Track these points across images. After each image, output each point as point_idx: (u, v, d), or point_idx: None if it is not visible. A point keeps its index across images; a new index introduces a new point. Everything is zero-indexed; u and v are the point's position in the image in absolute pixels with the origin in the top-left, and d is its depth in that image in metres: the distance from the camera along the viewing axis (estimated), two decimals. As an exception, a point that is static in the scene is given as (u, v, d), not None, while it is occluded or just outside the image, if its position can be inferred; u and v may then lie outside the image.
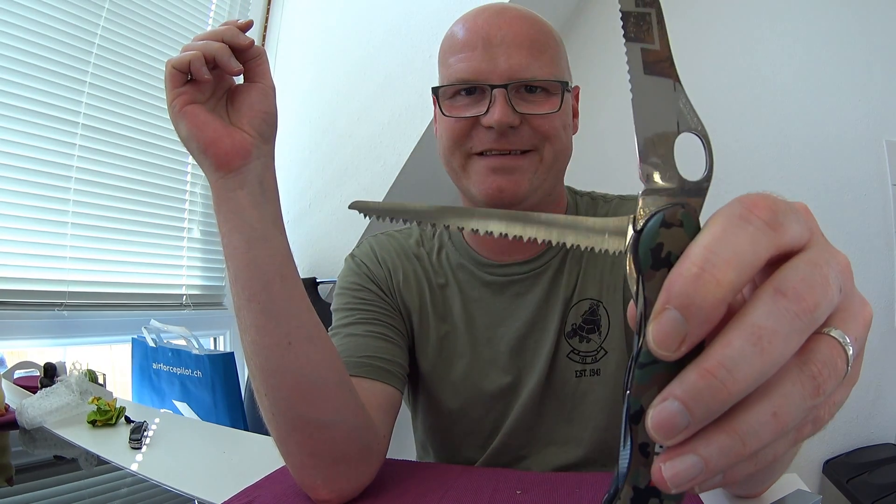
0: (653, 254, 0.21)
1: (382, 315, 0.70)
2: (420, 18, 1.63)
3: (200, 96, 0.49)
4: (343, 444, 0.53)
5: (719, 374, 0.18)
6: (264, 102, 0.51)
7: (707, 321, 0.19)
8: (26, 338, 1.32)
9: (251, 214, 0.49)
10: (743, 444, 0.19)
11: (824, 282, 0.20)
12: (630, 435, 0.22)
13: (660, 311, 0.19)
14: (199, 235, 1.78)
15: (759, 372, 0.19)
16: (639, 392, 0.21)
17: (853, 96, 1.66)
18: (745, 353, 0.18)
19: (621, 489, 0.23)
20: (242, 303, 0.50)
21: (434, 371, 0.73)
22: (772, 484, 0.54)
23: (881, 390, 1.65)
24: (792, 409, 0.20)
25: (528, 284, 0.71)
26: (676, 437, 0.19)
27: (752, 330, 0.19)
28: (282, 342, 0.50)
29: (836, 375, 0.21)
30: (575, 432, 0.71)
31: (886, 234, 1.63)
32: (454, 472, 0.62)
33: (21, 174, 1.31)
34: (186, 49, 0.47)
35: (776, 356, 0.19)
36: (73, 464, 0.74)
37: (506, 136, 0.62)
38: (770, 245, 0.20)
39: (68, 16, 1.39)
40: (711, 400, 0.19)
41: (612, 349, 0.69)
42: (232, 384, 1.26)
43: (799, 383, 0.20)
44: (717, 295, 0.19)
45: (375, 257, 0.75)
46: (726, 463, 0.19)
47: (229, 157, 0.48)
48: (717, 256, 0.19)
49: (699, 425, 0.19)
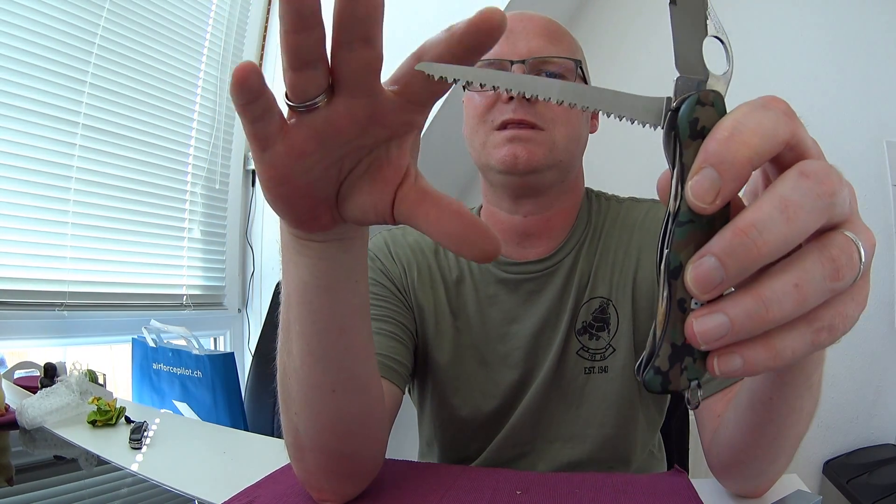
0: (690, 126, 0.24)
1: (393, 312, 0.70)
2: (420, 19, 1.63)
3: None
4: (361, 466, 0.53)
5: (751, 233, 0.21)
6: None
7: (737, 178, 0.21)
8: (26, 338, 1.32)
9: (317, 265, 0.40)
10: (766, 309, 0.21)
11: (839, 179, 0.23)
12: (669, 290, 0.24)
13: (697, 169, 0.22)
14: (200, 235, 1.78)
15: (786, 237, 0.21)
16: (678, 248, 0.23)
17: (853, 96, 1.66)
18: (773, 217, 0.21)
19: (659, 347, 0.24)
20: (292, 332, 0.44)
21: (449, 367, 0.73)
22: (772, 484, 0.54)
23: (881, 390, 1.65)
24: (812, 284, 0.22)
25: (541, 282, 0.72)
26: (712, 291, 0.22)
27: (780, 200, 0.21)
28: (325, 386, 0.45)
29: (852, 267, 0.23)
30: (580, 429, 0.71)
31: (886, 234, 1.63)
32: (454, 472, 0.62)
33: (21, 174, 1.31)
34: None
35: (800, 225, 0.21)
36: (73, 464, 0.74)
37: (522, 106, 0.65)
38: (787, 129, 0.23)
39: (68, 16, 1.39)
40: (744, 256, 0.21)
41: (619, 347, 0.70)
42: (232, 384, 1.25)
43: (819, 262, 0.22)
44: (745, 154, 0.21)
45: (390, 253, 0.76)
46: (750, 326, 0.22)
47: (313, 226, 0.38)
48: (744, 126, 0.22)
49: (732, 281, 0.21)
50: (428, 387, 0.77)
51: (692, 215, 0.23)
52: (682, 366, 0.24)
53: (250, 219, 1.97)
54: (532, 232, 0.72)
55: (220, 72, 1.85)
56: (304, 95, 0.29)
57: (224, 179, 1.87)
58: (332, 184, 0.34)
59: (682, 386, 0.25)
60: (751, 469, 0.50)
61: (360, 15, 0.26)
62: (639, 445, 0.73)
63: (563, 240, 0.72)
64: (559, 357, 0.70)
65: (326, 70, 0.29)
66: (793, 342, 0.23)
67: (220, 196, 1.86)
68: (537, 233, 0.72)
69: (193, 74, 1.77)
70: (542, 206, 0.71)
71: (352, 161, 0.33)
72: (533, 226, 0.72)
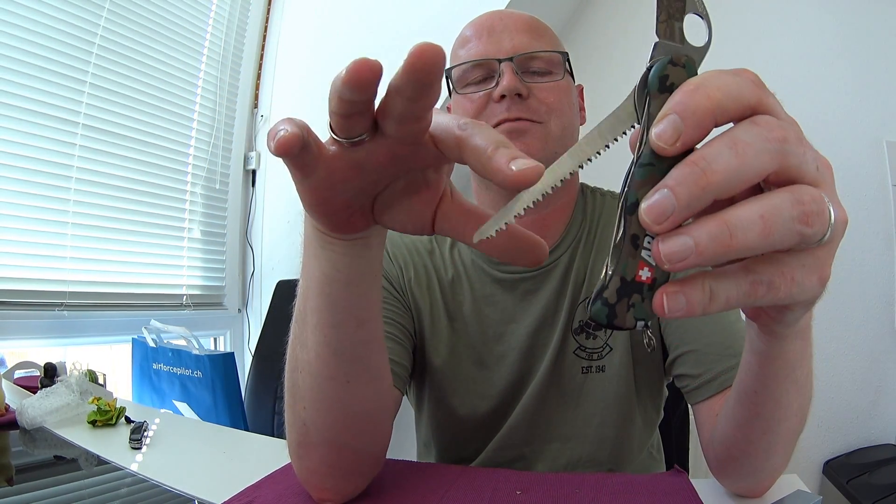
0: (660, 81, 0.25)
1: (392, 313, 0.70)
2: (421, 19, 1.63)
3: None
4: (363, 461, 0.53)
5: (700, 163, 0.22)
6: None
7: (698, 126, 0.23)
8: (26, 338, 1.33)
9: (340, 260, 0.40)
10: (730, 234, 0.22)
11: (797, 137, 0.24)
12: (624, 225, 0.25)
13: (662, 116, 0.23)
14: (200, 235, 1.78)
15: (735, 169, 0.22)
16: (636, 187, 0.24)
17: (853, 96, 1.66)
18: (722, 152, 0.22)
19: (609, 279, 0.25)
20: (308, 324, 0.44)
21: (446, 368, 0.73)
22: (772, 483, 0.54)
23: (881, 390, 1.65)
24: (779, 219, 0.23)
25: (538, 281, 0.72)
26: (664, 222, 0.22)
27: (730, 138, 0.23)
28: (340, 378, 0.45)
29: (821, 221, 0.24)
30: (578, 429, 0.71)
31: (886, 234, 1.63)
32: (454, 472, 0.62)
33: (21, 174, 1.31)
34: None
35: (749, 161, 0.22)
36: (73, 464, 0.74)
37: (516, 104, 0.65)
38: (753, 94, 0.24)
39: (68, 16, 1.39)
40: (693, 184, 0.22)
41: (616, 346, 0.70)
42: (232, 384, 1.25)
43: (788, 202, 0.23)
44: (707, 105, 0.23)
45: (387, 253, 0.76)
46: (714, 250, 0.22)
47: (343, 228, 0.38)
48: (710, 83, 0.23)
49: (683, 211, 0.22)
50: (425, 388, 0.77)
51: (653, 158, 0.24)
52: (630, 302, 0.25)
53: (250, 219, 1.97)
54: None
55: (219, 72, 1.85)
56: (350, 133, 0.30)
57: (224, 179, 1.87)
58: (368, 197, 0.35)
59: (627, 323, 0.25)
60: (746, 466, 0.50)
61: (425, 81, 0.26)
62: (637, 445, 0.73)
63: (559, 238, 0.72)
64: (556, 356, 0.70)
65: (373, 113, 0.30)
66: (727, 289, 0.24)
67: (220, 196, 1.86)
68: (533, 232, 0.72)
69: (193, 74, 1.77)
70: (539, 205, 0.70)
71: (390, 179, 0.35)
72: (528, 227, 0.71)
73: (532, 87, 0.66)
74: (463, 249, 0.76)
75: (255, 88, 2.01)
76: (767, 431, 0.45)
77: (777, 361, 0.39)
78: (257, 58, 2.02)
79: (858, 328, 1.64)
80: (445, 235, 0.35)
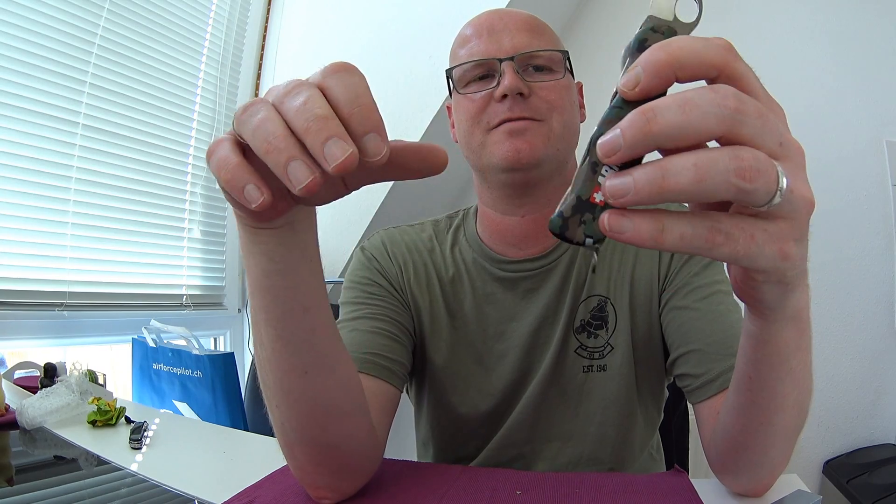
0: (639, 43, 0.29)
1: (390, 311, 0.70)
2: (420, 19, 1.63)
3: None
4: (350, 458, 0.53)
5: (648, 113, 0.24)
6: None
7: (656, 75, 0.26)
8: (26, 338, 1.33)
9: (274, 250, 0.42)
10: (663, 176, 0.24)
11: (758, 112, 0.26)
12: (588, 153, 0.28)
13: (630, 69, 0.27)
14: (199, 235, 1.78)
15: (678, 124, 0.24)
16: (603, 124, 0.27)
17: (853, 96, 1.66)
18: (670, 107, 0.24)
19: (569, 196, 0.28)
20: (260, 322, 0.46)
21: (446, 366, 0.73)
22: (772, 482, 0.54)
23: (881, 390, 1.65)
24: (712, 169, 0.24)
25: (539, 280, 0.72)
26: (612, 156, 0.25)
27: (682, 97, 0.25)
28: (297, 369, 0.47)
29: (765, 180, 0.25)
30: (579, 428, 0.71)
31: (886, 234, 1.63)
32: (454, 472, 0.62)
33: (21, 174, 1.31)
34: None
35: (693, 119, 0.24)
36: (73, 464, 0.75)
37: (517, 103, 0.65)
38: (719, 56, 0.26)
39: (68, 16, 1.39)
40: (638, 129, 0.24)
41: (618, 345, 0.70)
42: (232, 384, 1.26)
43: (725, 155, 0.25)
44: (666, 59, 0.26)
45: (386, 252, 0.76)
46: (649, 190, 0.25)
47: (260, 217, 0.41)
48: (673, 44, 0.26)
49: (627, 150, 0.25)
50: (425, 386, 0.77)
51: (621, 102, 0.27)
52: (582, 219, 0.28)
53: (250, 219, 1.96)
54: (530, 232, 0.72)
55: (219, 72, 1.85)
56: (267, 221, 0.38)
57: (224, 179, 1.87)
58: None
59: (577, 237, 0.28)
60: (745, 459, 0.50)
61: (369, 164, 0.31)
62: (639, 445, 0.73)
63: None
64: (557, 355, 0.70)
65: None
66: (682, 227, 0.26)
67: (220, 196, 1.85)
68: (535, 232, 0.72)
69: (193, 74, 1.77)
70: (541, 204, 0.70)
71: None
72: (531, 225, 0.71)
73: (533, 85, 0.66)
74: (464, 248, 0.76)
75: (255, 88, 2.01)
76: (764, 422, 0.45)
77: (769, 346, 0.39)
78: (257, 58, 2.02)
79: (858, 328, 1.64)
80: (359, 188, 0.40)
